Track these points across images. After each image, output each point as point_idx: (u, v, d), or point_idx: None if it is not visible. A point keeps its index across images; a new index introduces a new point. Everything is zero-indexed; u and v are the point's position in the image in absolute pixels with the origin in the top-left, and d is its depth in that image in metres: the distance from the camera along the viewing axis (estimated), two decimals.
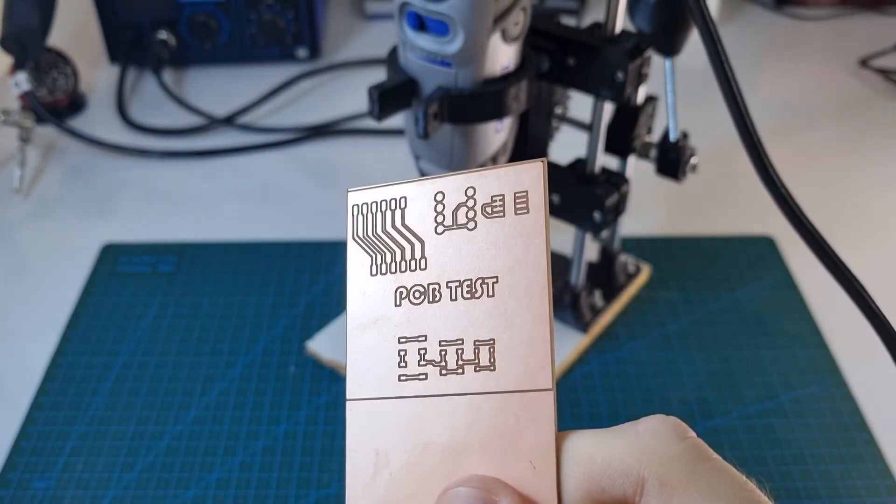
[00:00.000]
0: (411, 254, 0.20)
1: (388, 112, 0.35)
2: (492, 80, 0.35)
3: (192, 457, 0.44)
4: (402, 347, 0.20)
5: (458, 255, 0.20)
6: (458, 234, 0.20)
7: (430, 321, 0.20)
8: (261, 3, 0.74)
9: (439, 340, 0.20)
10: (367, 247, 0.21)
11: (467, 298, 0.20)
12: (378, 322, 0.20)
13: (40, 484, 0.43)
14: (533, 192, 0.19)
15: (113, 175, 0.66)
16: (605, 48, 0.39)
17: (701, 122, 0.59)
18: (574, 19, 0.84)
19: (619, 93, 0.40)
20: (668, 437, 0.18)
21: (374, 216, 0.21)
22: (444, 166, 0.39)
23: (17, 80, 0.64)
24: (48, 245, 0.59)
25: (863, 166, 0.66)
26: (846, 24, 0.87)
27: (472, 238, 0.20)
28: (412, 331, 0.20)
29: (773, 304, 0.53)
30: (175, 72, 0.78)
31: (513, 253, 0.19)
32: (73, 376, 0.48)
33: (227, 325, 0.51)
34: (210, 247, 0.58)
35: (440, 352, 0.20)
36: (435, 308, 0.20)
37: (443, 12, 0.32)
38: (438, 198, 0.20)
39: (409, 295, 0.20)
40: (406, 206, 0.20)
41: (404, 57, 0.35)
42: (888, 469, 0.43)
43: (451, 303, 0.20)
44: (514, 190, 0.19)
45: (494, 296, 0.19)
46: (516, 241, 0.19)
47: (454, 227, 0.20)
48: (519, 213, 0.19)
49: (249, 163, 0.67)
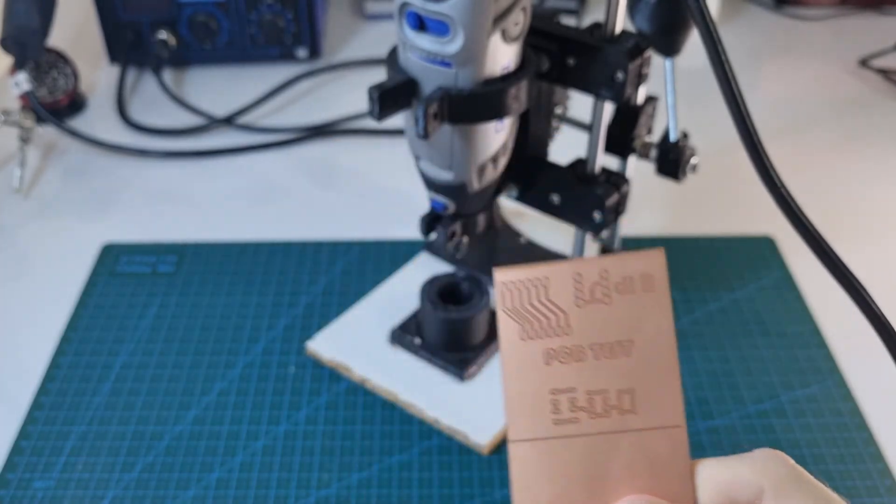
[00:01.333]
0: (556, 322, 0.25)
1: (388, 112, 0.35)
2: (492, 80, 0.35)
3: (192, 457, 0.44)
4: (555, 398, 0.24)
5: (597, 323, 0.25)
6: (597, 307, 0.25)
7: (578, 376, 0.24)
8: (261, 4, 0.74)
9: (587, 391, 0.24)
10: (515, 317, 0.25)
11: (608, 358, 0.25)
12: (532, 377, 0.25)
13: (40, 484, 0.43)
14: (657, 274, 0.24)
15: (113, 175, 0.66)
16: (605, 48, 0.39)
17: (701, 121, 0.59)
18: (574, 19, 0.84)
19: (619, 93, 0.40)
20: (778, 461, 0.24)
21: (521, 292, 0.25)
22: (444, 166, 0.39)
23: (17, 81, 0.64)
24: (48, 245, 0.59)
25: (863, 166, 0.66)
26: (846, 24, 0.87)
27: (608, 310, 0.25)
28: (563, 384, 0.25)
29: (773, 304, 0.53)
30: (175, 72, 0.78)
31: (643, 321, 0.24)
32: (73, 376, 0.48)
33: (228, 325, 0.51)
34: (210, 247, 0.58)
35: (588, 400, 0.24)
36: (581, 365, 0.25)
37: (443, 12, 0.32)
38: (577, 278, 0.25)
39: (558, 356, 0.25)
40: (549, 284, 0.25)
41: (404, 57, 0.35)
42: (888, 469, 0.43)
43: (595, 361, 0.25)
44: (641, 272, 0.24)
45: (631, 355, 0.24)
46: (645, 311, 0.24)
47: (592, 302, 0.25)
48: (646, 291, 0.24)
49: (249, 163, 0.67)
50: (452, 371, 0.47)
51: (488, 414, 0.45)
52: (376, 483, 0.42)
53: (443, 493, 0.42)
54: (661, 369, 0.25)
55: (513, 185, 0.47)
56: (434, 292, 0.47)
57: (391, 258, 0.56)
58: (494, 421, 0.44)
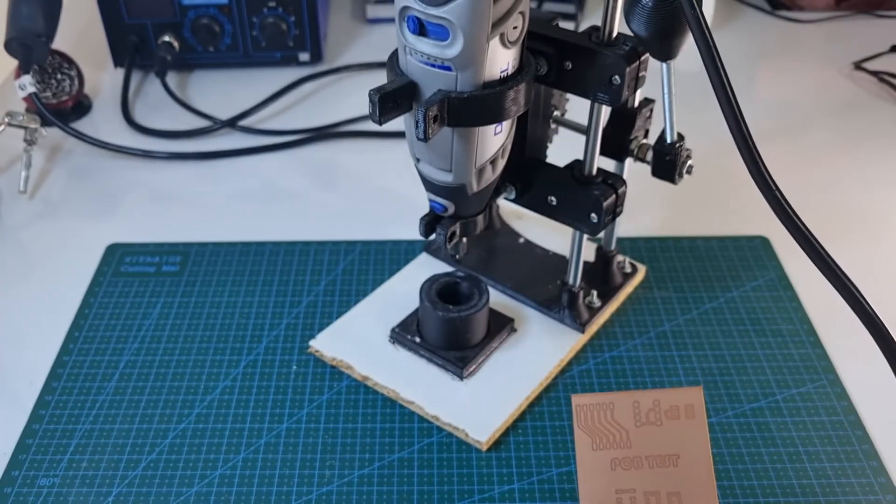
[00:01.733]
0: (620, 438, 0.34)
1: (389, 115, 0.36)
2: (491, 83, 0.35)
3: (195, 454, 0.44)
4: (619, 496, 0.33)
5: (651, 439, 0.33)
6: (651, 428, 0.33)
7: (636, 480, 0.33)
8: (263, 7, 0.75)
9: (644, 492, 0.33)
10: (588, 432, 0.34)
11: (660, 467, 0.33)
12: (601, 479, 0.33)
13: (45, 481, 0.43)
14: (697, 405, 0.34)
15: (117, 176, 0.66)
16: (603, 52, 0.40)
17: (696, 124, 0.60)
18: (572, 23, 0.85)
19: (616, 96, 0.40)
20: None
21: (593, 413, 0.34)
22: (443, 168, 0.39)
23: (22, 83, 0.65)
24: (53, 245, 0.60)
25: (857, 168, 0.67)
26: (840, 26, 0.88)
27: (660, 430, 0.33)
28: (625, 485, 0.33)
29: (768, 304, 0.53)
30: (178, 75, 0.79)
31: (686, 440, 0.33)
32: (78, 375, 0.49)
33: (231, 325, 0.52)
34: (214, 247, 0.58)
35: (645, 499, 0.33)
36: (639, 472, 0.33)
37: (442, 17, 0.32)
38: (636, 405, 0.34)
39: (621, 463, 0.33)
40: (614, 408, 0.34)
41: (405, 60, 0.36)
42: (883, 466, 0.44)
43: (650, 469, 0.33)
44: (686, 403, 0.33)
45: (678, 466, 0.33)
46: (689, 433, 0.33)
47: (647, 424, 0.33)
48: (688, 418, 0.33)
49: (252, 164, 0.68)
50: (452, 370, 0.47)
51: (487, 412, 0.45)
52: (377, 480, 0.43)
53: (442, 490, 0.43)
54: (700, 477, 0.33)
55: (511, 187, 0.47)
56: (433, 292, 0.47)
57: (391, 258, 0.57)
58: (493, 418, 0.45)
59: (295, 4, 0.75)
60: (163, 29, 0.75)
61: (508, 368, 0.48)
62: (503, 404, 0.46)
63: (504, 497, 0.42)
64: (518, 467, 0.44)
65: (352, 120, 0.72)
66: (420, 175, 0.41)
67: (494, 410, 0.45)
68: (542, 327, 0.50)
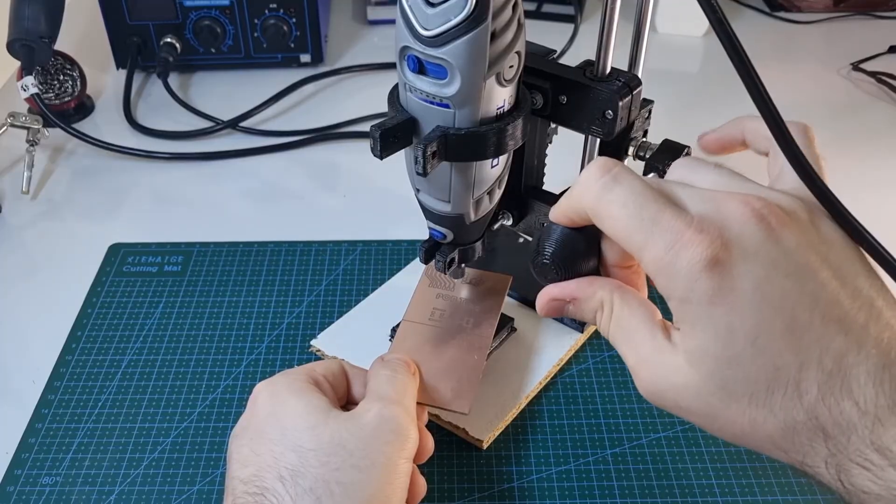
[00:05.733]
0: (448, 284, 0.49)
1: (390, 150, 0.37)
2: (488, 120, 0.37)
3: (197, 453, 0.45)
4: (433, 311, 0.47)
5: (467, 289, 0.49)
6: (470, 286, 0.49)
7: (447, 306, 0.48)
8: (264, 9, 0.75)
9: (450, 314, 0.47)
10: (430, 278, 0.49)
11: (466, 304, 0.48)
12: (426, 299, 0.48)
13: (47, 480, 0.43)
14: (502, 286, 0.49)
15: (120, 177, 0.67)
16: (597, 87, 0.41)
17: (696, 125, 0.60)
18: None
19: (610, 129, 0.42)
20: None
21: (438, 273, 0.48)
22: (442, 199, 0.40)
23: (24, 84, 0.65)
24: (56, 245, 0.60)
25: (856, 168, 0.67)
26: (839, 28, 0.88)
27: (475, 288, 0.49)
28: (439, 307, 0.47)
29: None
30: (180, 76, 0.79)
31: (487, 298, 0.48)
32: (81, 374, 0.49)
33: (232, 324, 0.52)
34: (215, 247, 0.59)
35: (449, 315, 0.47)
36: (451, 303, 0.48)
37: (440, 57, 0.33)
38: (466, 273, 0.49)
39: (442, 296, 0.48)
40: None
41: (405, 96, 0.37)
42: None
43: (458, 303, 0.48)
44: (497, 281, 0.49)
45: (477, 306, 0.48)
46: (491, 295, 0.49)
47: (468, 284, 0.49)
48: (495, 288, 0.49)
49: (254, 165, 0.68)
50: None
51: (487, 410, 0.46)
52: None
53: (441, 488, 0.43)
54: (489, 316, 0.46)
55: (508, 214, 0.49)
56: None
57: (392, 258, 0.57)
58: (493, 417, 0.45)
59: (296, 6, 0.75)
60: (165, 30, 0.75)
61: (509, 367, 0.48)
62: (504, 403, 0.46)
63: (503, 495, 0.43)
64: (517, 465, 0.44)
65: (352, 121, 0.72)
66: (420, 204, 0.42)
67: (495, 409, 0.46)
68: (541, 327, 0.51)
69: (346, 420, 0.35)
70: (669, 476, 0.43)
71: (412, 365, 0.41)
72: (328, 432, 0.34)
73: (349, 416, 0.36)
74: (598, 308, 0.32)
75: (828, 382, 0.26)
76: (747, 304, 0.27)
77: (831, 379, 0.26)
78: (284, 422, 0.35)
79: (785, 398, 0.27)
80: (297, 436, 0.34)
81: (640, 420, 0.46)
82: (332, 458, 0.34)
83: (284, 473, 0.33)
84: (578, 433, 0.45)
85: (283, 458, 0.34)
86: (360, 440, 0.34)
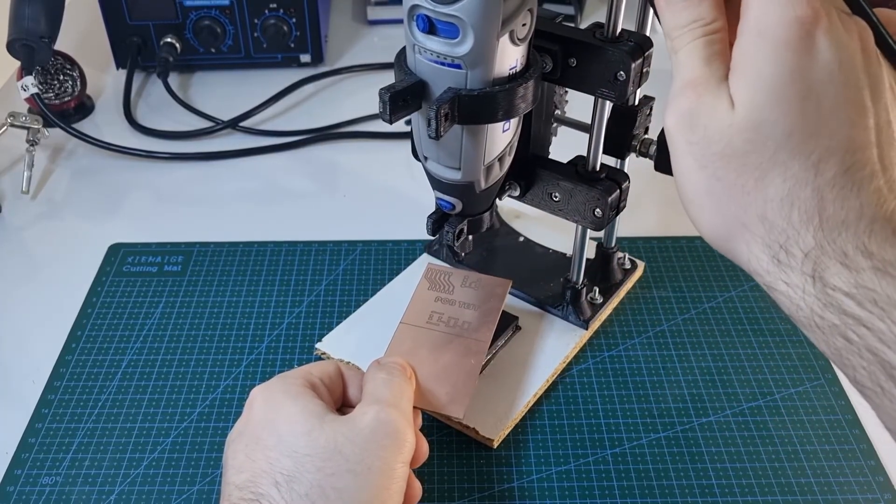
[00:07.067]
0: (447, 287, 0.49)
1: (399, 114, 0.36)
2: (500, 81, 0.35)
3: (197, 453, 0.45)
4: (432, 314, 0.47)
5: (466, 293, 0.48)
6: (469, 289, 0.49)
7: (447, 310, 0.48)
8: (264, 9, 0.75)
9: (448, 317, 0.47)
10: (429, 280, 0.49)
11: (465, 308, 0.48)
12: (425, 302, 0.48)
13: (47, 480, 0.43)
14: (502, 291, 0.49)
15: (120, 177, 0.67)
16: (607, 48, 0.40)
17: None
18: (572, 25, 0.85)
19: (622, 92, 0.40)
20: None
21: (437, 273, 0.50)
22: (452, 166, 0.39)
23: (24, 84, 0.65)
24: (56, 245, 0.60)
25: None
26: None
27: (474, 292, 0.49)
28: (438, 310, 0.47)
29: (766, 304, 0.53)
30: (180, 76, 0.79)
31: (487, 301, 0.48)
32: (80, 374, 0.49)
33: (232, 324, 0.52)
34: (215, 247, 0.59)
35: (448, 319, 0.47)
36: (450, 307, 0.48)
37: (453, 14, 0.32)
38: (465, 277, 0.50)
39: (441, 299, 0.48)
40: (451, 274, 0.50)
41: (413, 59, 0.36)
42: (880, 465, 0.44)
43: (458, 307, 0.48)
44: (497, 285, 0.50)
45: (475, 311, 0.47)
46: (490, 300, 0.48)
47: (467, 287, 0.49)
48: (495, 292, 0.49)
49: (254, 165, 0.68)
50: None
51: (497, 409, 0.46)
52: None
53: (441, 487, 0.43)
54: (488, 320, 0.46)
55: (515, 185, 0.48)
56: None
57: (392, 258, 0.57)
58: (502, 416, 0.45)
59: (296, 6, 0.75)
60: (165, 30, 0.75)
61: (516, 366, 0.48)
62: (512, 401, 0.46)
63: (503, 495, 0.42)
64: (517, 465, 0.44)
65: (352, 121, 0.72)
66: (427, 174, 0.41)
67: (503, 408, 0.46)
68: (545, 325, 0.51)
69: (343, 424, 0.35)
70: (669, 476, 0.43)
71: (408, 368, 0.41)
72: (324, 437, 0.34)
73: (345, 421, 0.35)
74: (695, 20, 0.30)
75: (845, 174, 0.28)
76: (817, 69, 0.28)
77: (849, 172, 0.28)
78: (280, 427, 0.35)
79: (802, 168, 0.28)
80: (293, 441, 0.34)
81: (640, 420, 0.46)
82: (327, 463, 0.34)
83: (280, 479, 0.33)
84: (578, 433, 0.45)
85: (279, 463, 0.34)
86: (356, 445, 0.34)
